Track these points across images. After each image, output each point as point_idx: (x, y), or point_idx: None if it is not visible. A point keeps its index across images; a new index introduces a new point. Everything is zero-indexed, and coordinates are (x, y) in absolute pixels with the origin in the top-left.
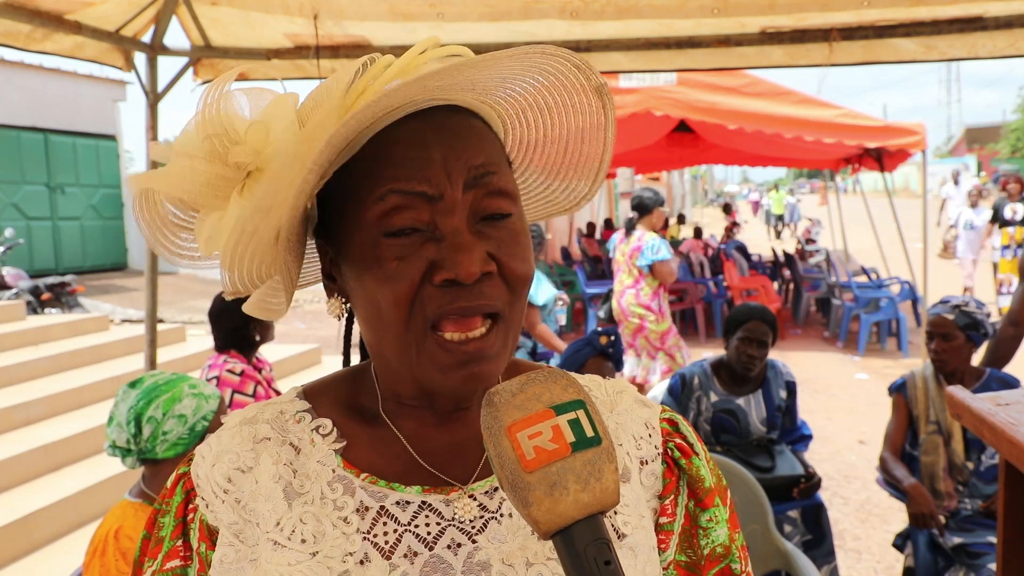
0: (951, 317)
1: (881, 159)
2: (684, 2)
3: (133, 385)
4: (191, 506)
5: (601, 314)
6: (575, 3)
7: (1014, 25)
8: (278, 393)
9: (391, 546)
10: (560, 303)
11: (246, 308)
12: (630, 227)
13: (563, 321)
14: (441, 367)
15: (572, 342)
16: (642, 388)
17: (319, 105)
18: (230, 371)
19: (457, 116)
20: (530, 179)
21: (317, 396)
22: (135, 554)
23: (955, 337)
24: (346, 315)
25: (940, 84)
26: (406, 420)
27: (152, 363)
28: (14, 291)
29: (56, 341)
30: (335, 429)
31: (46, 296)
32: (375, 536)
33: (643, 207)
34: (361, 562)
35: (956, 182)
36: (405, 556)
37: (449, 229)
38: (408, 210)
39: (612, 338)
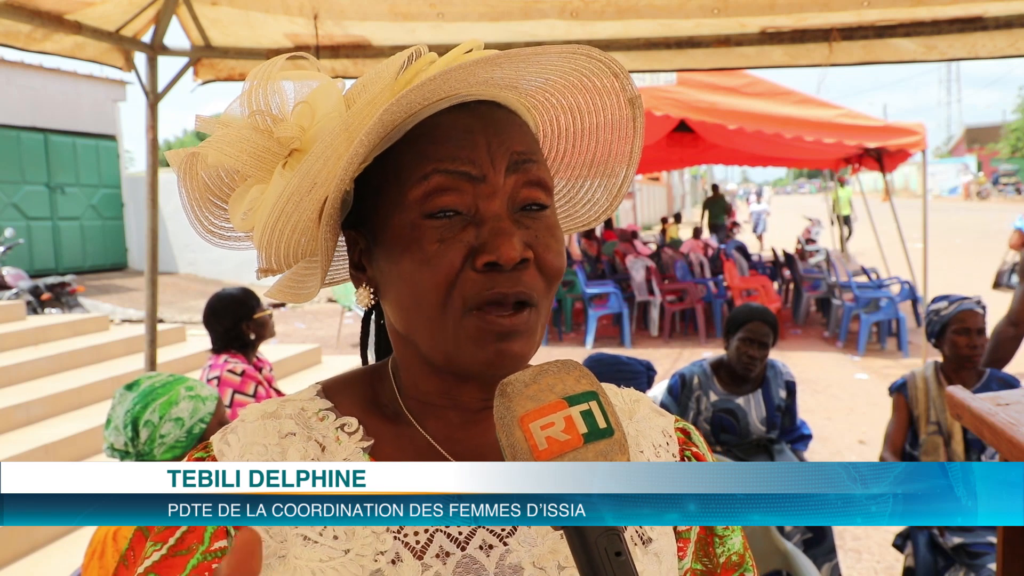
0: (980, 311)
1: (881, 159)
2: (684, 2)
3: (130, 388)
4: None
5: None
6: (575, 3)
7: (1014, 25)
8: (279, 393)
9: (423, 546)
10: None
11: (270, 293)
12: None
13: None
14: (476, 339)
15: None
16: None
17: (367, 87)
18: (231, 371)
19: (500, 110)
20: (558, 185)
21: (337, 394)
22: (124, 546)
23: (984, 330)
24: (372, 305)
25: (940, 84)
26: (430, 420)
27: (152, 363)
28: (14, 291)
29: (56, 341)
30: (361, 427)
31: (46, 296)
32: (406, 536)
33: None
34: (393, 561)
35: None
36: (437, 556)
37: (490, 214)
38: (451, 192)
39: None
